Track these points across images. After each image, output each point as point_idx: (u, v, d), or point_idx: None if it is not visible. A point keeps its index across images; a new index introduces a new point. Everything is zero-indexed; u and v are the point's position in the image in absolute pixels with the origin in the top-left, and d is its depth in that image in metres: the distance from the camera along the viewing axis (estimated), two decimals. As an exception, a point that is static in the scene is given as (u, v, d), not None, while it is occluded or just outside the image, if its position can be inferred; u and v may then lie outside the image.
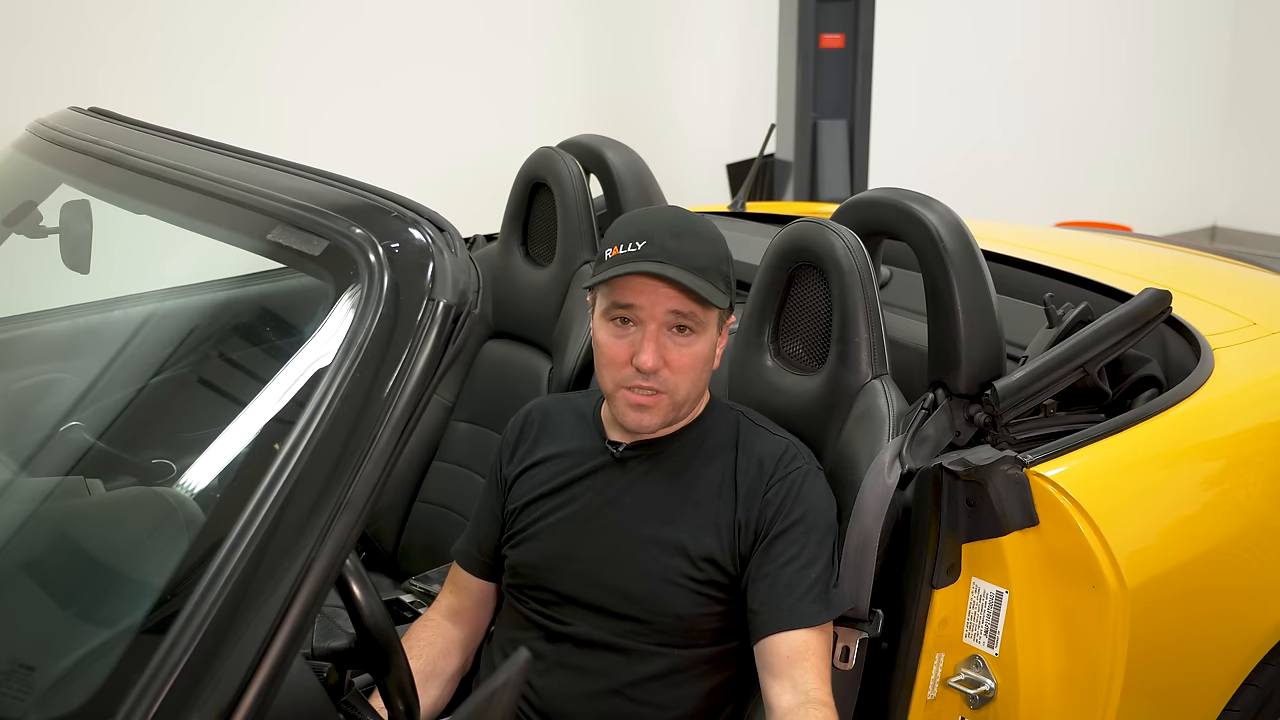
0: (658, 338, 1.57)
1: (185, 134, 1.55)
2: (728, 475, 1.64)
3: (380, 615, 1.34)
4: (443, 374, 1.11)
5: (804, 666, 1.52)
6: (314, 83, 3.80)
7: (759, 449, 1.65)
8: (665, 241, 1.56)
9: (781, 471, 1.62)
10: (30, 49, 3.24)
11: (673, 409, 1.62)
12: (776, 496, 1.61)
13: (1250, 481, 1.87)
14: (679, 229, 1.59)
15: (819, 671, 1.53)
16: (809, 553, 1.58)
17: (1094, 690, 1.60)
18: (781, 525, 1.59)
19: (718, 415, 1.70)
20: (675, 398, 1.60)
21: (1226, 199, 7.14)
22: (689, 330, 1.58)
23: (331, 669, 1.31)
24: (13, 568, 1.29)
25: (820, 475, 1.65)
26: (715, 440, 1.67)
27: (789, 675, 1.52)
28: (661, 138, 4.66)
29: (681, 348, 1.58)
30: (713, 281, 1.57)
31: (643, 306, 1.57)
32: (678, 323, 1.58)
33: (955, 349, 1.72)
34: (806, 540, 1.59)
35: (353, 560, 1.35)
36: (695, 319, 1.58)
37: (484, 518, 1.78)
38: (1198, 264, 2.84)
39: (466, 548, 1.80)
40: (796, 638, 1.54)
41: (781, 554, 1.58)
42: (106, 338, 2.05)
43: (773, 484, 1.62)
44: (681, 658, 1.62)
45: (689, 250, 1.57)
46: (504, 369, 2.46)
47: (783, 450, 1.65)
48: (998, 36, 5.87)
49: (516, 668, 1.12)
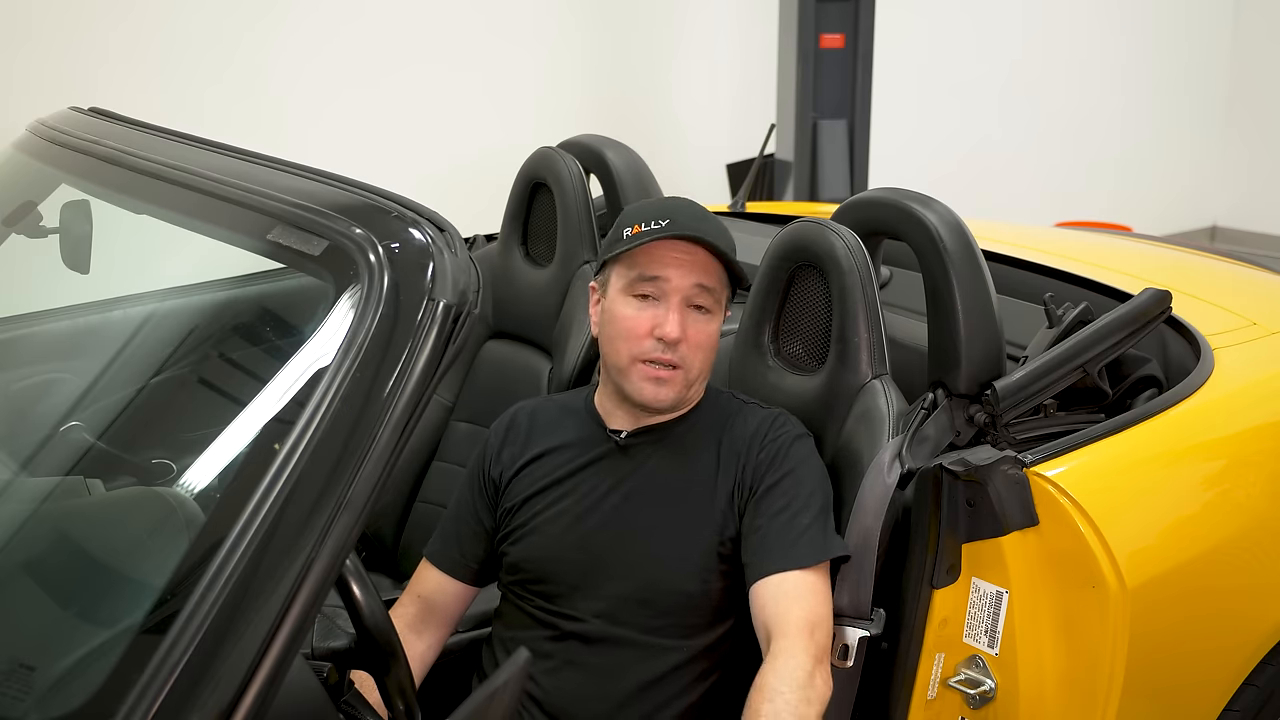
0: (681, 310, 1.62)
1: (185, 134, 1.55)
2: (726, 450, 1.67)
3: (380, 615, 1.34)
4: (443, 374, 1.11)
5: (795, 609, 1.52)
6: (314, 83, 3.80)
7: (750, 420, 1.70)
8: (689, 221, 1.63)
9: (772, 434, 1.67)
10: (30, 49, 3.24)
11: (685, 386, 1.66)
12: (766, 456, 1.65)
13: (1250, 481, 1.87)
14: (699, 213, 1.67)
15: (806, 611, 1.52)
16: (798, 503, 1.61)
17: (1094, 690, 1.60)
18: (770, 480, 1.63)
19: (711, 399, 1.74)
20: (689, 375, 1.65)
21: (1226, 199, 7.14)
22: (706, 310, 1.64)
23: (331, 669, 1.31)
24: (13, 568, 1.30)
25: (809, 440, 1.69)
26: (710, 421, 1.71)
27: (775, 615, 1.52)
28: (661, 138, 4.66)
29: (700, 324, 1.64)
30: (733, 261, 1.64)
31: (670, 279, 1.62)
32: (698, 300, 1.63)
33: (955, 349, 1.72)
34: (796, 492, 1.62)
35: (353, 560, 1.36)
36: (716, 296, 1.65)
37: (464, 518, 1.76)
38: (1198, 264, 2.84)
39: (444, 549, 1.76)
40: (788, 580, 1.55)
41: (770, 506, 1.61)
42: (106, 338, 2.05)
43: (763, 445, 1.66)
44: (690, 649, 1.63)
45: (711, 230, 1.64)
46: (504, 369, 2.46)
47: (773, 417, 1.70)
48: (998, 36, 5.87)
49: (516, 668, 1.12)
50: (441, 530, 1.79)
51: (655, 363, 1.62)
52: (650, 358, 1.62)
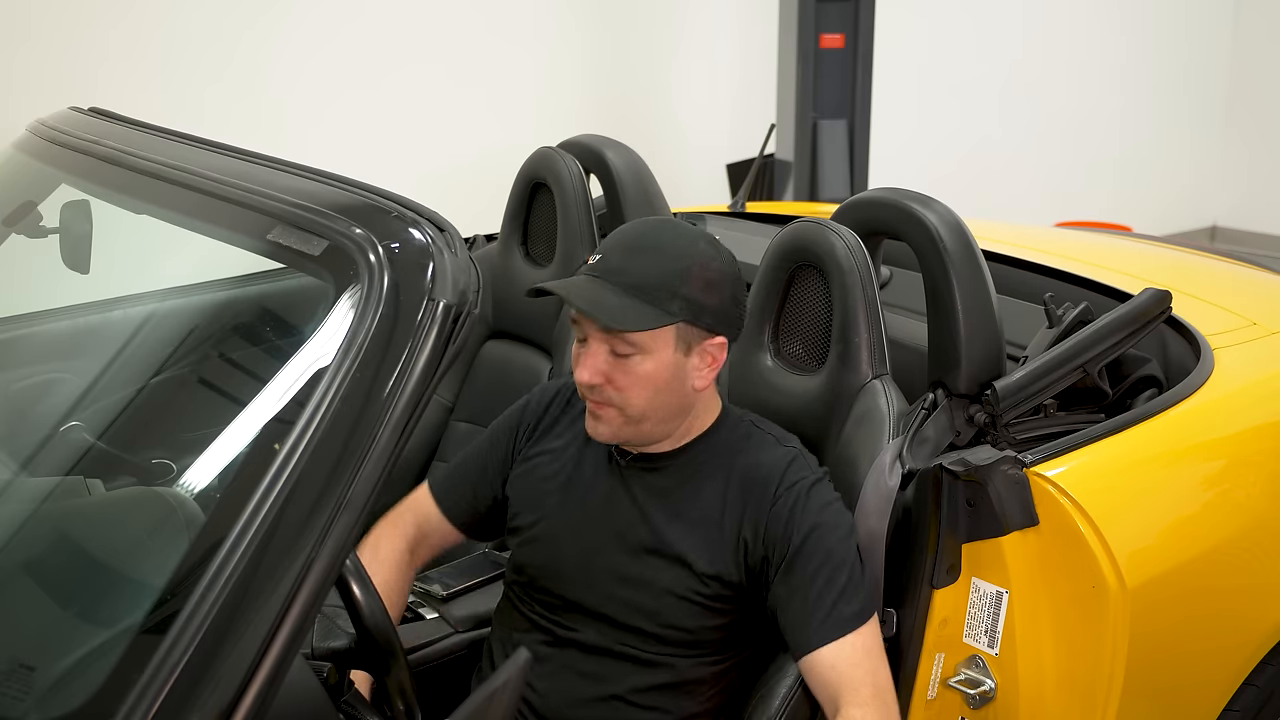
0: (597, 354, 1.54)
1: (185, 134, 1.55)
2: (732, 489, 1.61)
3: (380, 615, 1.34)
4: (443, 374, 1.11)
5: (850, 675, 1.51)
6: (314, 82, 3.80)
7: (763, 461, 1.62)
8: (613, 259, 1.54)
9: (788, 483, 1.59)
10: (30, 49, 3.24)
11: (626, 423, 1.57)
12: (784, 511, 1.57)
13: (1250, 481, 1.87)
14: (640, 244, 1.55)
15: (868, 674, 1.51)
16: (833, 561, 1.55)
17: (1094, 690, 1.60)
18: (795, 545, 1.56)
19: (727, 429, 1.67)
20: (626, 412, 1.56)
21: (1226, 199, 7.13)
22: (626, 353, 1.53)
23: (331, 669, 1.31)
24: (13, 568, 1.30)
25: (826, 482, 1.62)
26: (720, 454, 1.64)
27: (836, 687, 1.51)
28: (661, 138, 4.66)
29: (625, 366, 1.54)
30: (651, 302, 1.51)
31: (582, 324, 1.55)
32: (618, 347, 1.53)
33: (955, 349, 1.72)
34: (827, 550, 1.56)
35: (353, 560, 1.36)
36: (627, 340, 1.52)
37: (479, 467, 1.78)
38: (1198, 264, 2.84)
39: (457, 487, 1.79)
40: (839, 649, 1.52)
41: (801, 573, 1.55)
42: (106, 338, 2.05)
43: (779, 496, 1.59)
44: (687, 666, 1.61)
45: (634, 267, 1.52)
46: (504, 369, 2.46)
47: (787, 463, 1.61)
48: (998, 36, 5.87)
49: (516, 668, 1.12)
50: (451, 473, 1.82)
51: (589, 399, 1.58)
52: (585, 396, 1.58)
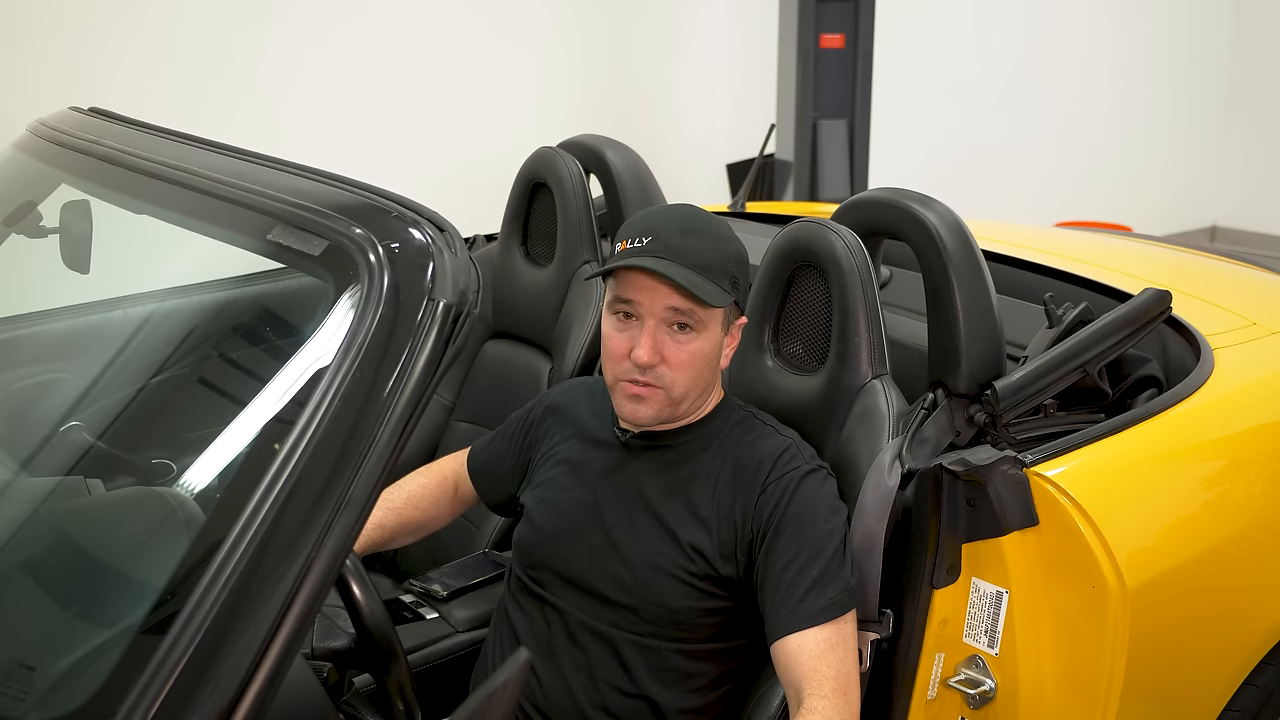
0: (655, 333, 1.58)
1: (185, 134, 1.55)
2: (725, 471, 1.64)
3: (380, 615, 1.34)
4: (443, 374, 1.11)
5: (812, 667, 1.50)
6: (314, 82, 3.80)
7: (760, 447, 1.65)
8: (671, 239, 1.57)
9: (779, 471, 1.61)
10: (30, 49, 3.24)
11: (669, 404, 1.62)
12: (772, 497, 1.60)
13: (1250, 481, 1.87)
14: (688, 227, 1.59)
15: (831, 669, 1.50)
16: (807, 551, 1.56)
17: (1094, 690, 1.60)
18: (778, 527, 1.58)
19: (725, 414, 1.70)
20: (672, 393, 1.60)
21: (1226, 199, 7.14)
22: (688, 328, 1.58)
23: (331, 669, 1.31)
24: (13, 568, 1.29)
25: (820, 474, 1.63)
26: (719, 438, 1.67)
27: (798, 678, 1.51)
28: (661, 138, 4.66)
29: (680, 345, 1.59)
30: (715, 281, 1.57)
31: (641, 302, 1.57)
32: (677, 320, 1.58)
33: (955, 349, 1.72)
34: (803, 539, 1.57)
35: (353, 560, 1.36)
36: (694, 317, 1.57)
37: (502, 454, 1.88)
38: (1198, 264, 2.84)
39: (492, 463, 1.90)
40: (802, 640, 1.52)
41: (780, 556, 1.57)
42: (106, 338, 2.05)
43: (769, 483, 1.61)
44: (670, 651, 1.62)
45: (695, 248, 1.57)
46: (504, 369, 2.46)
47: (782, 449, 1.64)
48: (998, 36, 5.87)
49: (516, 667, 1.12)
50: (490, 446, 1.92)
51: (635, 381, 1.60)
52: (630, 377, 1.60)
